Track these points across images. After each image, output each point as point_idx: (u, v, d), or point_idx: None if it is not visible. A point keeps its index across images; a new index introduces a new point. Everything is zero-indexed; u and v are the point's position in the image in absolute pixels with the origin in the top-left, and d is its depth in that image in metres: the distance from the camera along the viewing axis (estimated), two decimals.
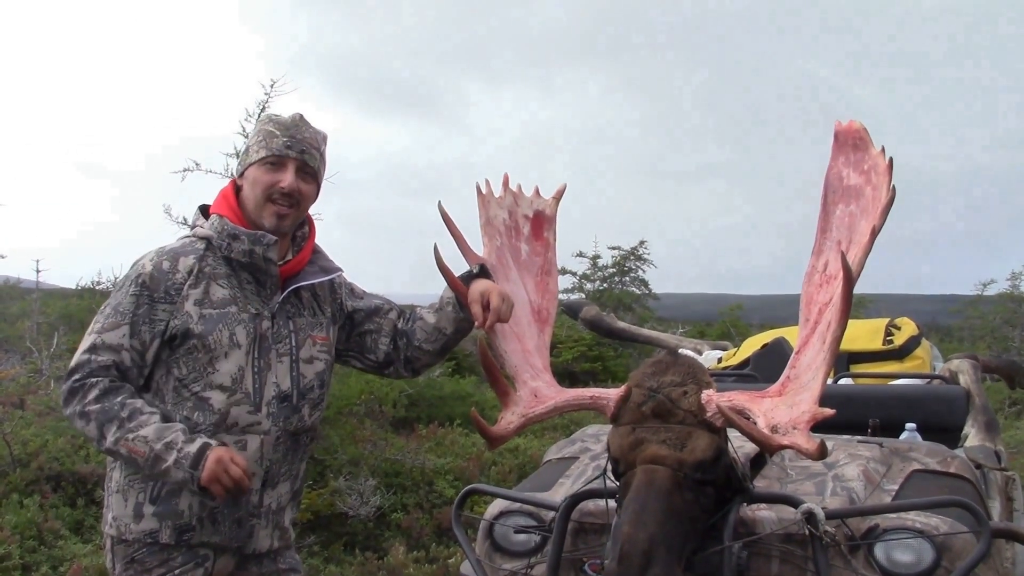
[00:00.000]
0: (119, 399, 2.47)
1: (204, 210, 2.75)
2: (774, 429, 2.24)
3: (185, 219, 6.22)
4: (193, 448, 2.42)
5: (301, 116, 2.72)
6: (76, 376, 2.49)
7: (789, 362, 2.43)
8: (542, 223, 3.05)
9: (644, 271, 20.05)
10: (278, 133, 2.65)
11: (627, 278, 20.00)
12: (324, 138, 2.76)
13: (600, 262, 19.98)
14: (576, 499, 2.77)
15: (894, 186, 2.43)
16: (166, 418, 2.50)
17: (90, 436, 2.48)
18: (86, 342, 2.53)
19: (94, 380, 2.48)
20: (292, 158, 2.64)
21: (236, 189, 2.71)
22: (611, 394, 2.52)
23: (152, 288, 2.55)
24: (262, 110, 7.18)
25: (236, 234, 2.61)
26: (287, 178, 2.63)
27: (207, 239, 2.65)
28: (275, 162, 2.64)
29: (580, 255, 19.87)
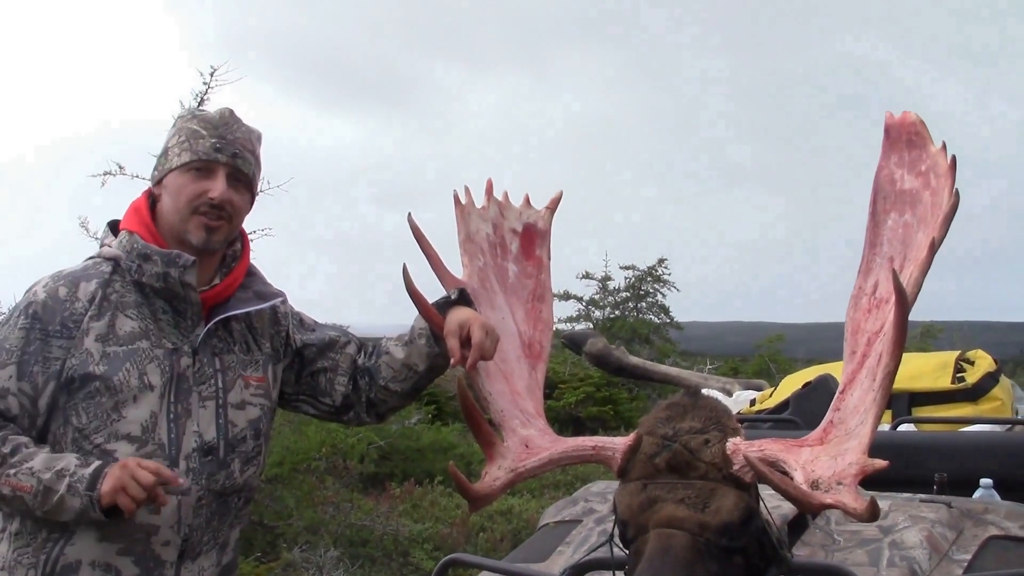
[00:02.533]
0: (0, 434, 2.46)
1: (114, 226, 2.75)
2: (815, 485, 2.23)
3: None
4: (88, 471, 2.42)
5: (231, 112, 2.73)
6: None
7: (832, 404, 2.42)
8: (533, 239, 3.06)
9: (664, 295, 20.18)
10: (204, 133, 2.65)
11: (644, 304, 20.08)
12: (259, 137, 2.77)
13: (611, 285, 20.08)
14: (577, 571, 2.76)
15: (957, 190, 2.43)
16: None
17: None
18: None
19: None
20: (222, 163, 2.65)
21: (151, 201, 2.71)
22: (618, 444, 2.51)
23: (45, 320, 2.54)
24: (200, 102, 7.23)
25: (147, 254, 2.61)
26: (217, 187, 2.63)
27: (114, 260, 2.65)
28: (202, 167, 2.64)
29: (587, 276, 19.99)
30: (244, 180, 2.71)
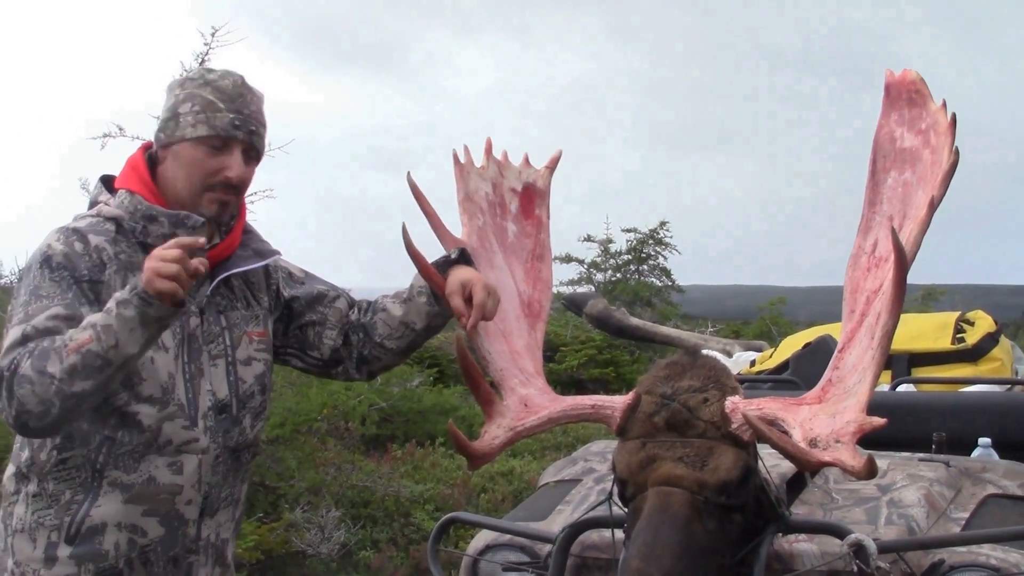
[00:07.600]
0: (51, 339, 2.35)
1: (107, 183, 2.71)
2: (813, 443, 2.23)
3: None
4: (126, 288, 2.31)
5: (244, 80, 2.66)
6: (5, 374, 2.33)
7: (831, 362, 2.42)
8: (533, 198, 3.05)
9: (666, 258, 20.13)
10: (222, 106, 2.59)
11: (645, 267, 20.05)
12: (263, 101, 2.72)
13: (613, 248, 20.03)
14: (576, 529, 2.77)
15: (957, 148, 2.42)
16: None
17: (38, 393, 2.27)
18: (10, 338, 2.39)
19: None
20: (240, 140, 2.60)
21: (149, 158, 2.68)
22: (616, 402, 2.51)
23: (71, 268, 2.46)
24: (201, 63, 7.14)
25: (153, 215, 2.57)
26: (235, 166, 2.59)
27: (115, 220, 2.59)
28: (219, 145, 2.58)
29: (588, 239, 19.94)
30: (255, 155, 2.68)
